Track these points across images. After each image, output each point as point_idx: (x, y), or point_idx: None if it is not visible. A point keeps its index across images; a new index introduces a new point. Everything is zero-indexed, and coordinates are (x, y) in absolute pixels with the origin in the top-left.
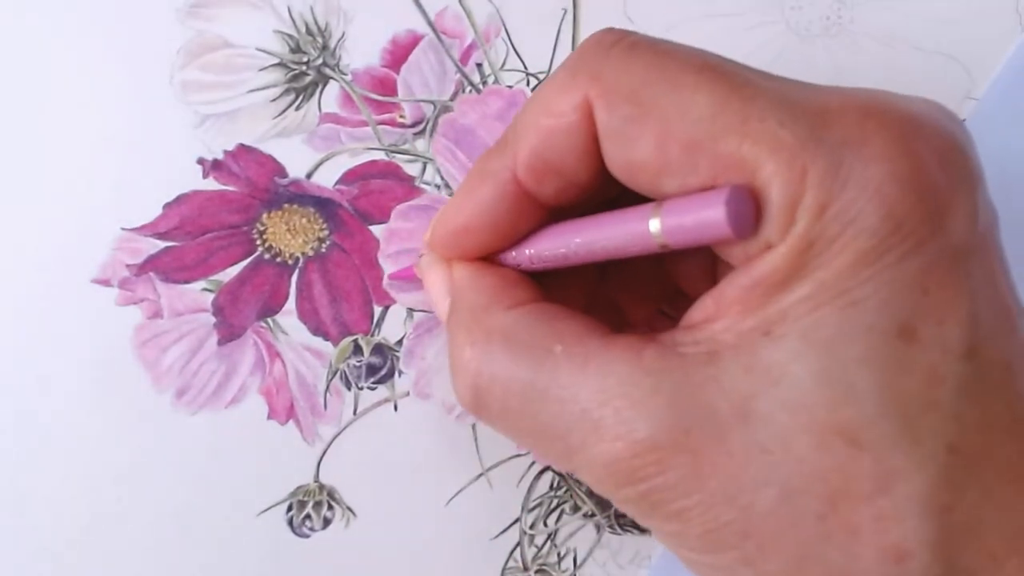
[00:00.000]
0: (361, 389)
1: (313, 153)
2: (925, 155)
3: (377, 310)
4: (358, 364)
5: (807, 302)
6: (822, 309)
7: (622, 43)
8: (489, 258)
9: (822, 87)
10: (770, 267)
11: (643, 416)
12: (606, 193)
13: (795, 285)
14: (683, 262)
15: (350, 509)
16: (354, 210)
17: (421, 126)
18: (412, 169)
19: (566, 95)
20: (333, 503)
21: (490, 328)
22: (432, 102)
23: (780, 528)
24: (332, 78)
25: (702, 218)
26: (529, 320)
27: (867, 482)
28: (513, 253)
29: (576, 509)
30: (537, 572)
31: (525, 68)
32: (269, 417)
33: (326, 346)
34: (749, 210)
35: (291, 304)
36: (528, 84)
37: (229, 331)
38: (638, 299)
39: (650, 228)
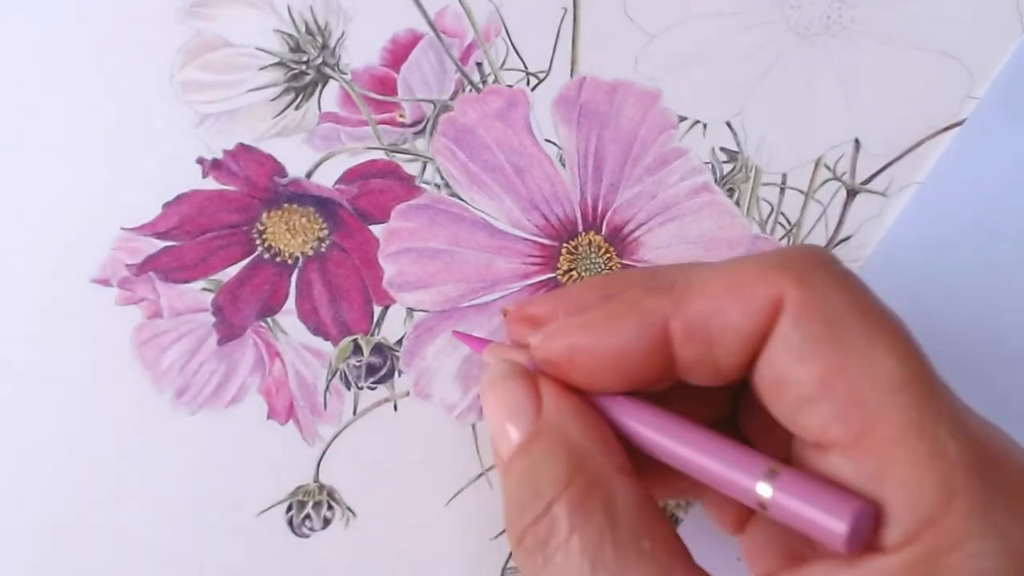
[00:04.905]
0: (361, 389)
1: (313, 152)
2: None
3: (377, 310)
4: (358, 364)
5: None
6: None
7: (836, 265)
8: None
9: (988, 426)
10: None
11: None
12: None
13: None
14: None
15: (350, 509)
16: (354, 210)
17: (421, 125)
18: (412, 168)
19: (766, 282)
20: (333, 503)
21: (613, 498)
22: (432, 101)
23: None
24: (332, 77)
25: (817, 519)
26: (635, 502)
27: None
28: (607, 402)
29: None
30: None
31: (525, 67)
32: (269, 417)
33: (326, 346)
34: (867, 528)
35: (291, 304)
36: (528, 83)
37: (229, 331)
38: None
39: (757, 489)
